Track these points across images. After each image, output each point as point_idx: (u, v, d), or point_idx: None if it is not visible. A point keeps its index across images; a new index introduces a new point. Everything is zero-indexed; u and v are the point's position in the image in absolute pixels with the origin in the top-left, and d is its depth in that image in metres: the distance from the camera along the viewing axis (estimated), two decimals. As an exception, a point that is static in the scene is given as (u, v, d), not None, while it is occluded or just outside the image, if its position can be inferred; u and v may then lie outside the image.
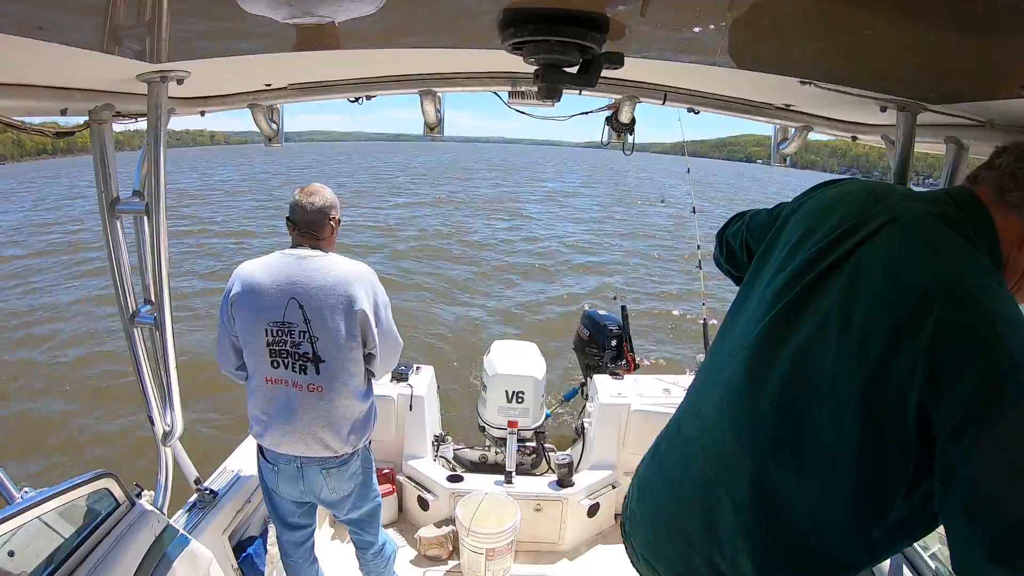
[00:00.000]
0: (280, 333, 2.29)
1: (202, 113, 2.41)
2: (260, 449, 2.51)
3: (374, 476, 2.69)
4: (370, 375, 2.50)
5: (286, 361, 2.32)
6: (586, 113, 2.76)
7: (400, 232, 20.89)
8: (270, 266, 2.34)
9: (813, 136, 2.56)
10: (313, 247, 2.39)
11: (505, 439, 4.02)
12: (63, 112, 1.82)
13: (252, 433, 2.48)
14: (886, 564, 2.13)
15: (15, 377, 8.21)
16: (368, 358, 2.43)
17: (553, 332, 10.50)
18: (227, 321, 2.37)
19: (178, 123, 2.48)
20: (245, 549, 3.00)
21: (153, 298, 2.09)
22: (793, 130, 2.64)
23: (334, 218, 2.44)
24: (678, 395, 4.07)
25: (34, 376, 8.26)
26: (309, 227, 2.41)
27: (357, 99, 2.47)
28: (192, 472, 2.72)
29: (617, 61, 1.29)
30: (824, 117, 2.37)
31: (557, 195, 39.72)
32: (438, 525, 3.74)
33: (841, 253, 1.18)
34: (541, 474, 4.29)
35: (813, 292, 1.19)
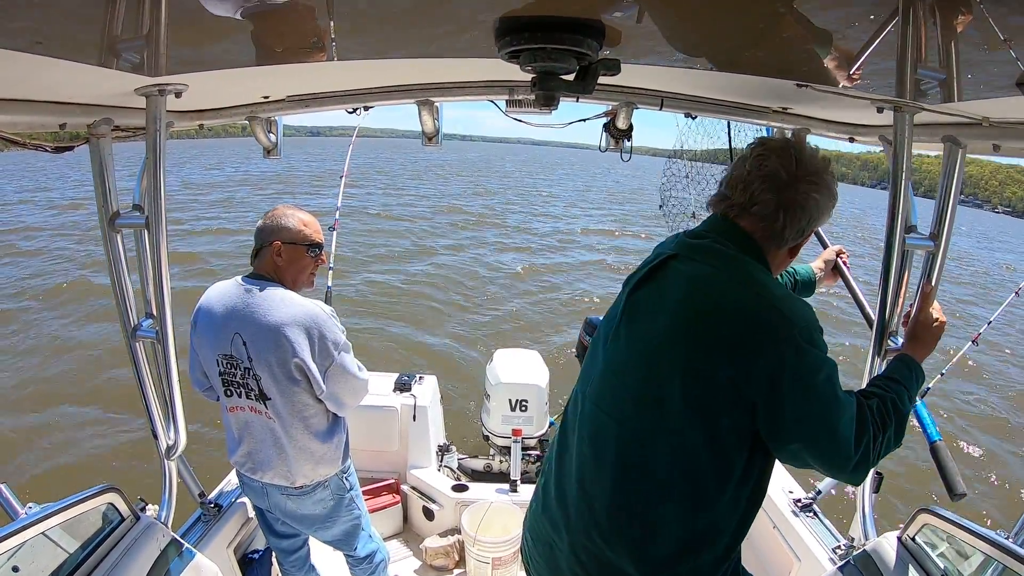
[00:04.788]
0: (229, 365, 2.27)
1: (201, 126, 2.42)
2: None
3: (352, 499, 2.64)
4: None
5: (239, 391, 2.29)
6: (584, 120, 2.77)
7: (403, 235, 20.88)
8: (224, 294, 2.29)
9: (845, 148, 2.55)
10: (265, 276, 2.32)
11: (509, 448, 4.02)
12: (62, 127, 1.81)
13: (227, 449, 2.48)
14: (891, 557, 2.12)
15: (18, 391, 8.20)
16: (320, 400, 2.34)
17: (555, 340, 10.50)
18: (192, 342, 2.36)
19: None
20: (251, 563, 3.00)
21: (154, 312, 2.09)
22: (791, 133, 2.64)
23: (274, 243, 2.31)
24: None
25: (37, 391, 8.25)
26: (254, 253, 2.37)
27: (355, 110, 2.48)
28: (196, 486, 2.71)
29: (613, 68, 1.30)
30: (821, 119, 2.38)
31: (564, 202, 39.66)
32: (443, 535, 3.73)
33: (642, 277, 1.56)
34: (546, 482, 4.27)
35: (633, 310, 1.54)
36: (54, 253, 16.54)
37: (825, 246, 2.74)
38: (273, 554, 3.08)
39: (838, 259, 2.52)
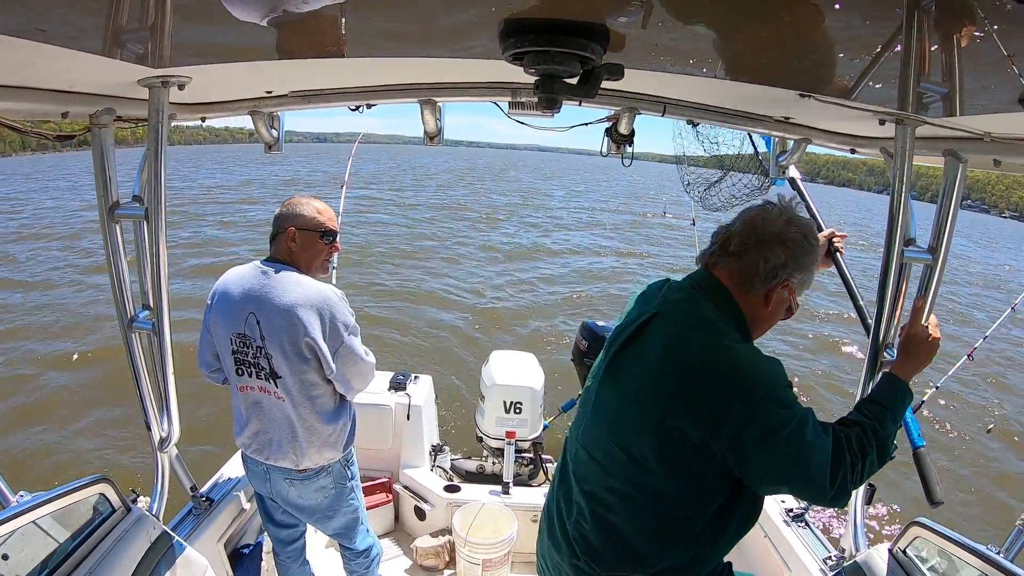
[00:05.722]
0: (242, 344, 2.32)
1: (203, 119, 2.42)
2: None
3: (352, 489, 2.68)
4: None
5: (249, 371, 2.34)
6: (586, 124, 2.76)
7: (403, 237, 20.87)
8: (242, 276, 2.35)
9: (854, 155, 2.55)
10: (280, 260, 2.38)
11: (503, 449, 4.02)
12: (64, 115, 1.82)
13: (234, 432, 2.52)
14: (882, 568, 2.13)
15: (11, 381, 8.19)
16: (328, 380, 2.40)
17: (552, 343, 10.50)
18: (207, 323, 2.41)
19: (218, 121, 2.50)
20: (241, 557, 2.99)
21: (152, 303, 2.09)
22: (792, 142, 2.64)
23: (289, 229, 2.37)
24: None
25: (31, 380, 8.24)
26: (271, 239, 2.43)
27: (357, 107, 2.48)
28: (188, 479, 2.71)
29: (617, 73, 1.29)
30: (823, 130, 2.38)
31: (566, 206, 39.61)
32: (434, 535, 3.73)
33: (628, 336, 1.64)
34: (538, 485, 4.27)
35: (617, 367, 1.64)
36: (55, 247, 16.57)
37: (820, 229, 2.73)
38: (263, 549, 3.08)
39: (832, 243, 2.51)
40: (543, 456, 4.38)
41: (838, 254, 2.54)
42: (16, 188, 33.59)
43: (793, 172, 2.92)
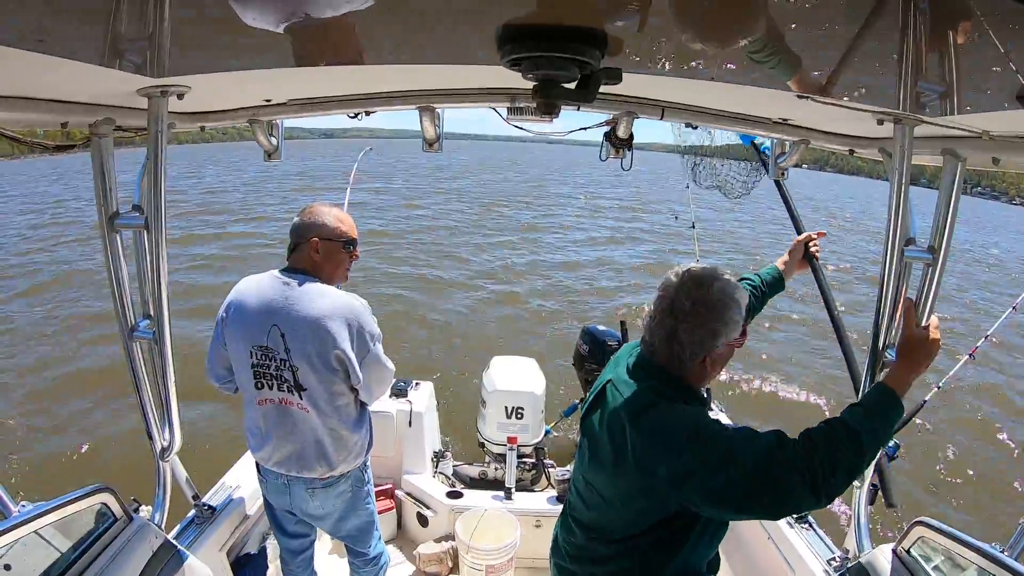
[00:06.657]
0: (263, 356, 2.30)
1: (202, 128, 2.42)
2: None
3: (368, 493, 2.68)
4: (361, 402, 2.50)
5: (270, 383, 2.33)
6: (584, 129, 2.77)
7: (400, 242, 20.82)
8: (260, 287, 2.33)
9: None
10: (302, 270, 2.37)
11: (505, 455, 4.01)
12: (63, 126, 1.82)
13: (249, 446, 2.51)
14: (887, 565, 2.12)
15: (12, 390, 8.19)
16: (352, 389, 2.41)
17: (553, 348, 10.48)
18: (220, 334, 2.39)
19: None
20: (243, 565, 2.99)
21: (152, 312, 2.09)
22: (790, 144, 2.64)
23: (312, 240, 2.36)
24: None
25: (32, 389, 8.23)
26: (291, 249, 2.42)
27: (356, 115, 2.48)
28: (190, 487, 2.70)
29: (615, 77, 1.30)
30: (821, 131, 2.38)
31: (567, 208, 39.51)
32: (437, 541, 3.73)
33: (593, 399, 1.86)
34: (541, 490, 4.27)
35: (589, 428, 1.84)
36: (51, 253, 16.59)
37: (799, 231, 2.75)
38: (267, 556, 3.08)
39: (808, 248, 2.54)
40: (545, 461, 4.38)
41: (814, 260, 2.57)
42: (32, 190, 33.59)
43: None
